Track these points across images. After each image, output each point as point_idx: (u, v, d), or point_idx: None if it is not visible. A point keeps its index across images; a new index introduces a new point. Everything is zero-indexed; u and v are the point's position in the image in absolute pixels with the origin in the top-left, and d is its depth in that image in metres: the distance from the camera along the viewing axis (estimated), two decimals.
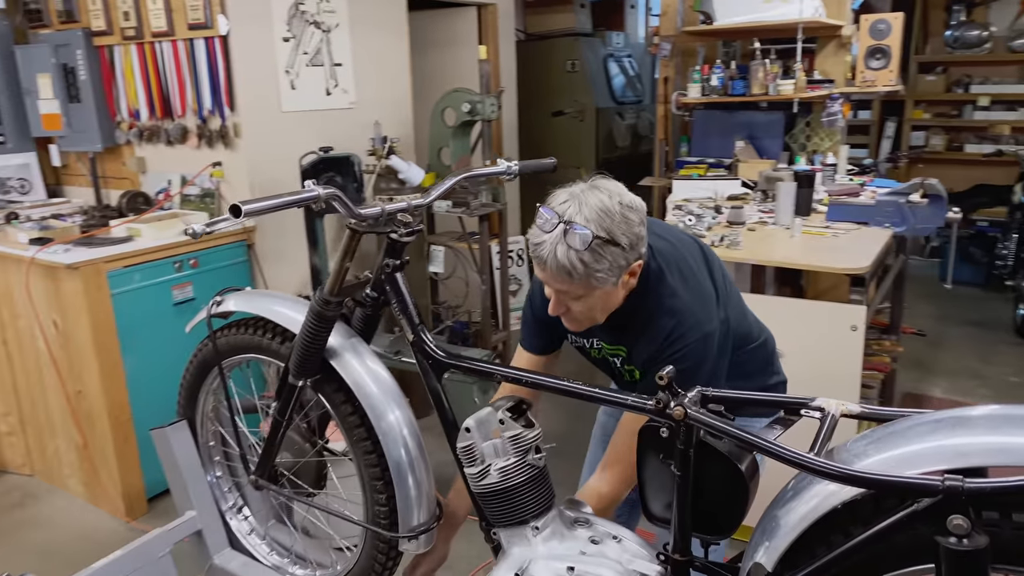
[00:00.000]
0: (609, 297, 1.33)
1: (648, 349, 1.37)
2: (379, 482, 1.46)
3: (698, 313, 1.37)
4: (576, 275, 1.24)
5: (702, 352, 1.35)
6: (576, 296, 1.30)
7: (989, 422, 0.91)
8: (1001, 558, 0.91)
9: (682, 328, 1.35)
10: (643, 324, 1.38)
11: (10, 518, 3.05)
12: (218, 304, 1.60)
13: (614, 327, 1.42)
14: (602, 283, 1.27)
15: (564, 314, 1.35)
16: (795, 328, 2.48)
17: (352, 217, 1.29)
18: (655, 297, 1.37)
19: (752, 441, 1.03)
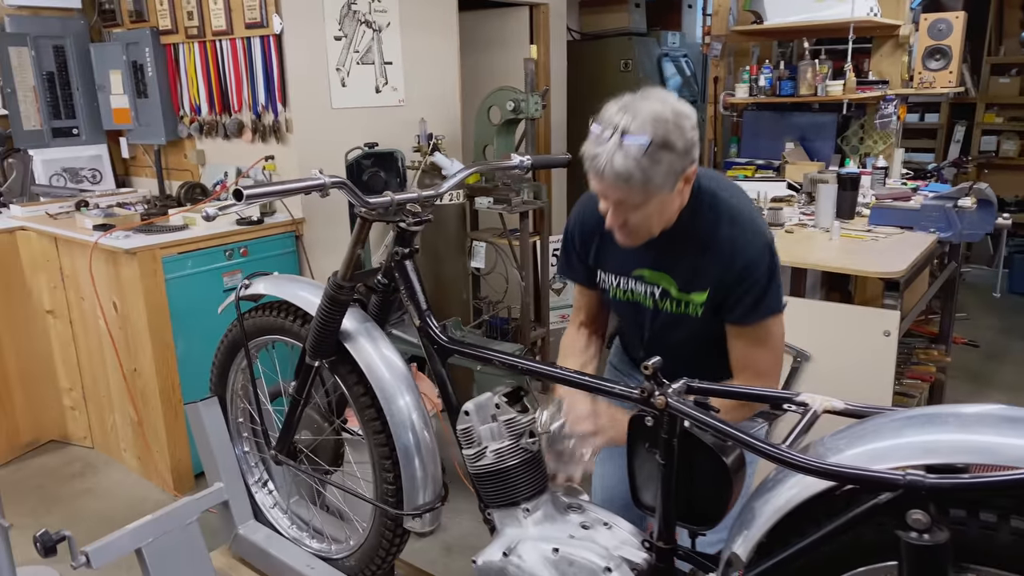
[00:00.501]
0: (665, 206, 1.35)
1: (718, 269, 1.40)
2: (387, 461, 1.53)
3: (758, 220, 1.41)
4: (634, 182, 1.27)
5: (771, 260, 1.40)
6: (634, 206, 1.32)
7: (960, 420, 0.90)
8: (968, 557, 0.90)
9: (746, 236, 1.39)
10: (702, 239, 1.40)
11: (71, 487, 3.25)
12: (246, 287, 1.70)
13: (665, 249, 1.44)
14: (659, 190, 1.29)
15: (621, 227, 1.37)
16: (828, 331, 2.45)
17: (362, 206, 1.35)
18: (712, 212, 1.41)
19: (726, 431, 1.05)
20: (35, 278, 3.41)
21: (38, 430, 3.52)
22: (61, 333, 3.44)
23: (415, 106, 3.92)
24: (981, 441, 0.87)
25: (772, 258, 1.41)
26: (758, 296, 1.39)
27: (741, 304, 1.40)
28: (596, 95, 5.39)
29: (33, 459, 3.46)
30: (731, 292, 1.40)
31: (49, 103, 3.92)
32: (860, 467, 0.91)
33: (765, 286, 1.39)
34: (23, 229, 3.37)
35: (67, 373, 3.50)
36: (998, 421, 0.89)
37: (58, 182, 3.97)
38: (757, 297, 1.39)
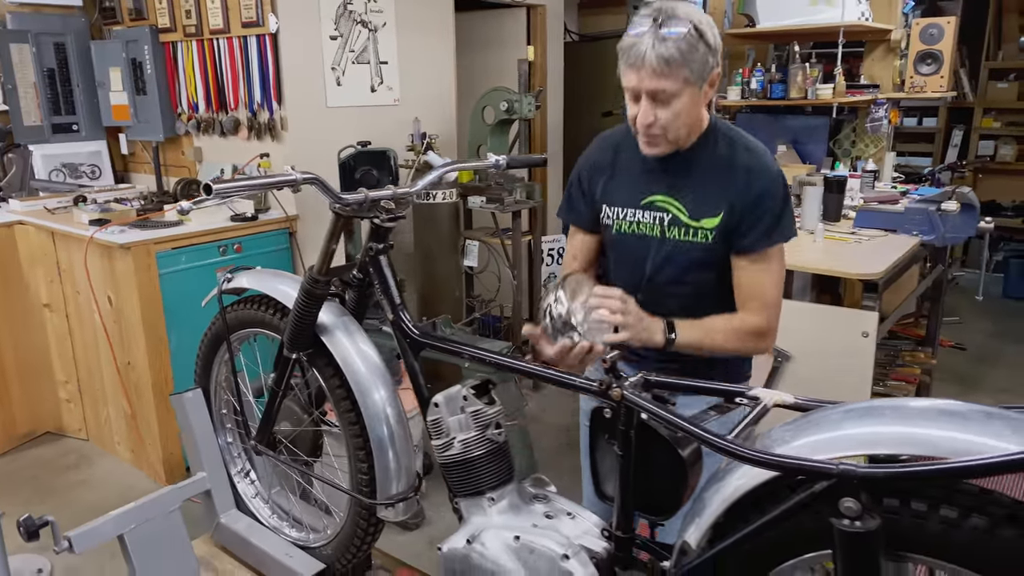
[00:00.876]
0: (693, 105, 1.40)
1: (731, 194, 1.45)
2: (362, 452, 1.56)
3: (765, 151, 1.47)
4: (673, 65, 1.32)
5: (784, 190, 1.45)
6: (668, 97, 1.36)
7: (896, 413, 0.93)
8: (902, 545, 0.93)
9: (761, 163, 1.45)
10: (717, 165, 1.46)
11: (65, 479, 3.30)
12: (228, 281, 1.74)
13: (679, 175, 1.49)
14: (691, 81, 1.35)
15: (649, 126, 1.41)
16: (809, 332, 2.48)
17: (336, 202, 1.39)
18: (727, 142, 1.48)
19: (677, 423, 1.08)
20: (32, 272, 3.46)
21: (34, 422, 3.57)
22: (57, 326, 3.49)
23: (410, 105, 3.96)
24: (913, 432, 0.90)
25: (785, 187, 1.47)
26: (772, 221, 1.44)
27: (755, 229, 1.44)
28: (594, 96, 5.48)
29: (29, 450, 3.51)
30: (745, 217, 1.44)
31: (49, 99, 3.97)
32: (799, 457, 0.94)
33: (780, 212, 1.45)
34: (21, 223, 3.42)
35: (63, 366, 3.55)
36: (933, 414, 0.92)
37: (57, 177, 4.02)
38: (771, 222, 1.44)
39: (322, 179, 1.36)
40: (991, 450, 0.85)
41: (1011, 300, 5.63)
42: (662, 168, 1.50)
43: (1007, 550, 0.87)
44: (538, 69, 4.85)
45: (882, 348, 3.38)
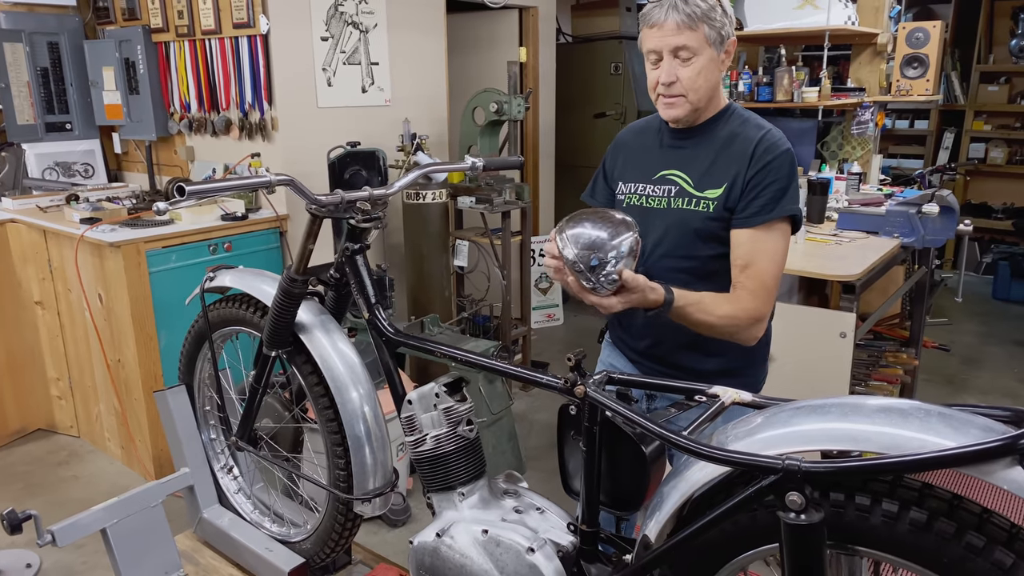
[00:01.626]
0: (712, 69, 1.46)
1: (737, 165, 1.48)
2: (339, 448, 1.59)
3: (778, 132, 1.51)
4: (695, 19, 1.40)
5: (792, 168, 1.47)
6: (689, 55, 1.43)
7: (842, 411, 0.97)
8: (849, 538, 0.97)
9: (771, 138, 1.48)
10: (728, 139, 1.51)
11: (55, 475, 3.33)
12: (211, 280, 1.77)
13: (689, 151, 1.54)
14: (711, 42, 1.43)
15: (670, 85, 1.47)
16: (788, 332, 2.50)
17: (312, 203, 1.42)
18: (740, 118, 1.53)
19: (636, 420, 1.11)
20: (24, 270, 3.49)
21: (26, 418, 3.60)
22: (49, 324, 3.52)
23: (401, 106, 3.99)
24: (853, 429, 0.93)
25: (793, 167, 1.48)
26: (775, 194, 1.45)
27: (759, 199, 1.46)
28: (586, 97, 5.51)
29: (20, 447, 3.54)
30: (750, 187, 1.46)
31: (43, 98, 4.00)
32: (748, 453, 0.98)
33: (785, 186, 1.46)
34: (13, 222, 3.45)
35: (55, 363, 3.58)
36: (876, 412, 0.95)
37: (51, 176, 4.05)
38: (774, 195, 1.45)
39: (296, 180, 1.39)
40: (928, 446, 0.88)
41: (999, 302, 5.67)
42: (677, 145, 1.57)
43: (944, 544, 0.90)
44: (530, 70, 4.88)
45: (866, 349, 3.41)
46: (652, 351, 1.65)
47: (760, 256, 1.46)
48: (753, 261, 1.46)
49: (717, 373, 1.56)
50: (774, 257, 1.48)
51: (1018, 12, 6.16)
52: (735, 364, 1.60)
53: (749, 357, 1.61)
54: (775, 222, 1.47)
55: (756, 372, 1.67)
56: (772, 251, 1.48)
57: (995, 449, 0.83)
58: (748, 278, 1.46)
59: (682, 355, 1.61)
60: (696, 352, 1.59)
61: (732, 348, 1.54)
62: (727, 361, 1.59)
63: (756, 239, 1.46)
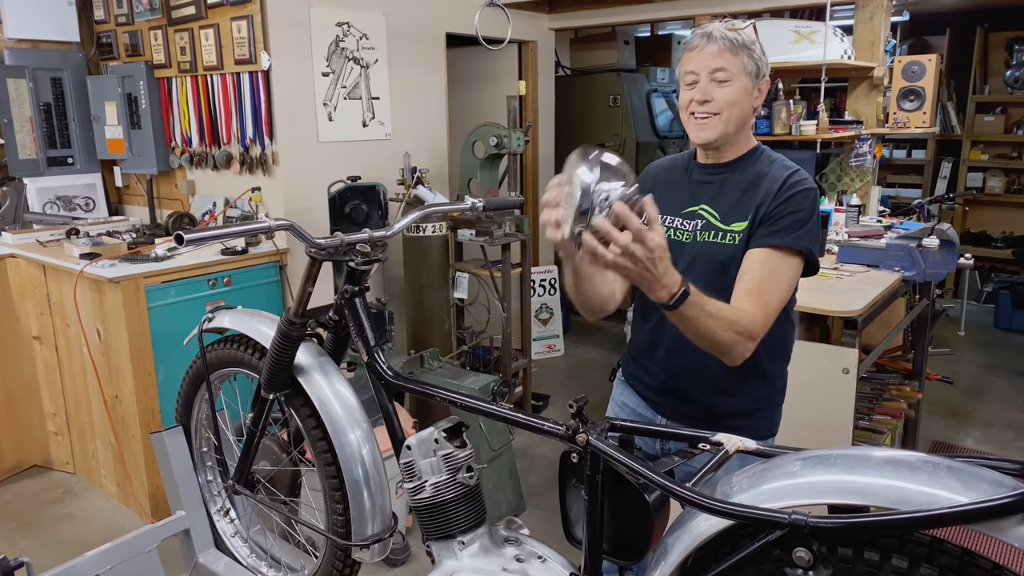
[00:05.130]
0: (745, 97, 1.50)
1: (761, 197, 1.50)
2: (337, 493, 1.57)
3: (808, 174, 1.53)
4: (738, 45, 1.47)
5: (816, 205, 1.49)
6: (725, 78, 1.48)
7: (848, 463, 0.95)
8: None
9: (797, 177, 1.51)
10: (756, 176, 1.53)
11: (49, 512, 3.28)
12: (210, 320, 1.75)
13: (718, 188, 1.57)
14: (749, 71, 1.49)
15: (703, 104, 1.51)
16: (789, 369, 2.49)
17: (311, 246, 1.41)
18: (768, 158, 1.57)
19: (638, 469, 1.10)
20: (23, 305, 3.48)
21: (21, 454, 3.57)
22: (47, 359, 3.50)
23: (402, 140, 4.02)
24: (860, 482, 0.91)
25: (815, 205, 1.50)
26: (795, 223, 1.46)
27: (776, 225, 1.47)
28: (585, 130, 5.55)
29: (15, 483, 3.50)
30: (770, 214, 1.48)
31: (45, 133, 4.02)
32: (752, 506, 0.96)
33: (804, 219, 1.47)
34: (13, 256, 3.45)
35: (52, 399, 3.55)
36: (883, 464, 0.94)
37: (52, 210, 4.05)
38: (794, 224, 1.46)
39: (295, 225, 1.38)
40: (938, 501, 0.86)
41: (1000, 331, 5.65)
42: (705, 181, 1.60)
43: None
44: (530, 103, 4.92)
45: (868, 382, 3.39)
46: (669, 388, 1.63)
47: (768, 276, 1.44)
48: (761, 279, 1.44)
49: (734, 414, 1.55)
50: (781, 282, 1.46)
51: (1012, 43, 6.23)
52: (753, 406, 1.59)
53: (767, 400, 1.60)
54: (789, 251, 1.46)
55: (772, 415, 1.65)
56: (780, 275, 1.46)
57: (1006, 506, 0.82)
58: (752, 293, 1.43)
59: (700, 393, 1.59)
60: (714, 391, 1.57)
61: (751, 389, 1.54)
62: (746, 402, 1.58)
63: (767, 259, 1.46)
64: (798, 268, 1.49)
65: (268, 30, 3.35)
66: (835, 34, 3.71)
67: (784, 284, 1.46)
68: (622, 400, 1.75)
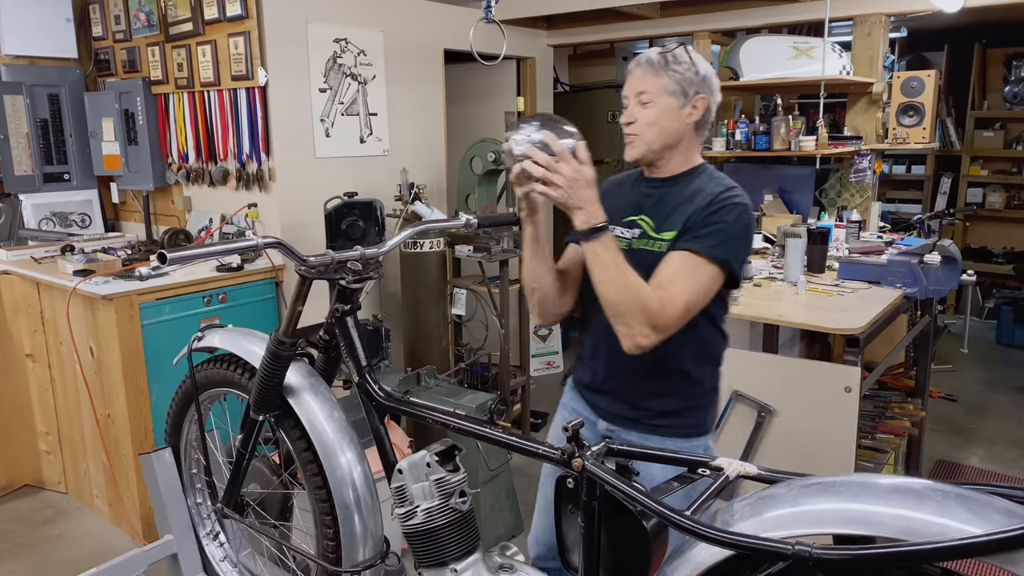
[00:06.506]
0: (671, 119, 1.59)
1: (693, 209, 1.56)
2: (328, 517, 1.53)
3: (743, 193, 1.59)
4: (656, 68, 1.57)
5: (743, 220, 1.55)
6: (647, 100, 1.58)
7: (852, 490, 0.91)
8: None
9: (730, 193, 1.57)
10: (693, 192, 1.60)
11: (39, 533, 3.23)
12: (199, 339, 1.72)
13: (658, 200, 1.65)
14: (671, 91, 1.57)
15: (630, 124, 1.61)
16: (791, 386, 2.46)
17: (301, 264, 1.38)
18: (709, 176, 1.63)
19: (636, 497, 1.06)
20: (16, 322, 3.44)
21: (13, 474, 3.52)
22: (40, 377, 3.46)
23: (400, 156, 4.00)
24: (867, 511, 0.88)
25: (742, 221, 1.55)
26: (716, 233, 1.52)
27: (698, 232, 1.53)
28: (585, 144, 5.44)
29: (6, 503, 3.45)
30: (696, 224, 1.55)
31: (42, 149, 4.01)
32: (755, 536, 0.92)
33: (725, 230, 1.52)
34: (7, 273, 3.42)
35: (44, 417, 3.51)
36: (889, 492, 0.90)
37: (47, 226, 4.03)
38: (715, 234, 1.52)
39: (284, 242, 1.35)
40: (948, 532, 0.82)
41: (1003, 347, 5.61)
42: (647, 194, 1.68)
43: None
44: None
45: (871, 399, 3.34)
46: (607, 388, 1.69)
47: (679, 273, 1.50)
48: (671, 275, 1.50)
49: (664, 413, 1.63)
50: (693, 287, 1.50)
51: (1010, 59, 6.24)
52: (682, 406, 1.64)
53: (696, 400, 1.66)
54: (705, 257, 1.51)
55: (702, 415, 1.69)
56: (692, 277, 1.51)
57: (1020, 537, 0.78)
58: (659, 285, 1.49)
59: (633, 394, 1.65)
60: (645, 392, 1.64)
61: (679, 391, 1.62)
62: (675, 402, 1.64)
63: (683, 260, 1.52)
64: (715, 276, 1.52)
65: (265, 46, 3.34)
66: (834, 50, 3.71)
67: (694, 285, 1.50)
68: (571, 404, 1.80)
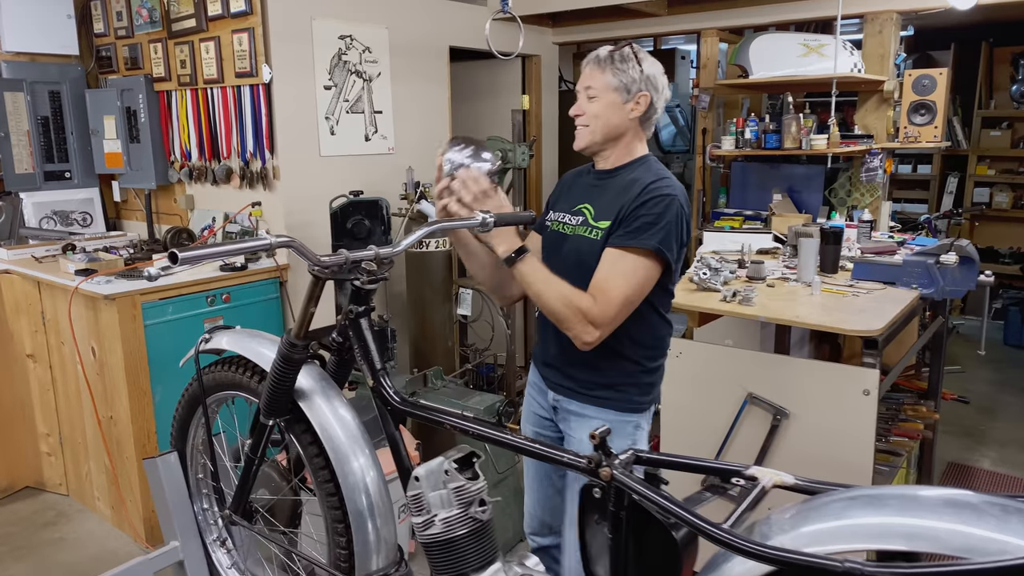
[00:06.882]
0: (615, 113, 1.72)
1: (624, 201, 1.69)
2: (340, 525, 1.48)
3: (676, 187, 1.71)
4: (602, 65, 1.70)
5: (668, 209, 1.66)
6: (593, 94, 1.71)
7: (902, 503, 0.87)
8: None
9: (659, 184, 1.69)
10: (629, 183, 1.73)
11: (41, 536, 3.18)
12: (206, 341, 1.67)
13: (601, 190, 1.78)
14: (617, 88, 1.70)
15: (579, 116, 1.75)
16: (807, 389, 2.41)
17: (315, 264, 1.34)
18: (646, 167, 1.76)
19: (668, 508, 1.01)
20: (17, 322, 3.40)
21: (13, 476, 3.47)
22: (41, 378, 3.42)
23: (405, 154, 3.95)
24: (923, 526, 0.83)
25: (670, 211, 1.67)
26: (644, 226, 1.64)
27: (626, 228, 1.66)
28: None
29: (7, 505, 3.40)
30: (626, 218, 1.68)
31: (43, 147, 3.96)
32: (800, 551, 0.87)
33: (652, 222, 1.64)
34: (7, 272, 3.37)
35: (45, 418, 3.46)
36: (942, 505, 0.85)
37: (48, 225, 3.98)
38: (643, 227, 1.64)
39: (297, 242, 1.31)
40: (1010, 550, 0.78)
41: (1012, 348, 5.57)
42: (594, 184, 1.82)
43: None
44: (533, 118, 4.86)
45: (884, 402, 3.30)
46: (554, 362, 1.85)
47: (614, 272, 1.64)
48: (606, 275, 1.64)
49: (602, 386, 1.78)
50: (628, 280, 1.63)
51: (1017, 58, 6.19)
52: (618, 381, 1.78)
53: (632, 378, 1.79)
54: (637, 250, 1.64)
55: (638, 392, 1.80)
56: (627, 273, 1.64)
57: None
58: (597, 287, 1.64)
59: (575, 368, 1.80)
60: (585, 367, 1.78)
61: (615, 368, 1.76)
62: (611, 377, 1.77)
63: (617, 259, 1.65)
64: (650, 267, 1.66)
65: (270, 43, 3.29)
66: (844, 47, 3.66)
67: (631, 280, 1.64)
68: (532, 379, 1.97)
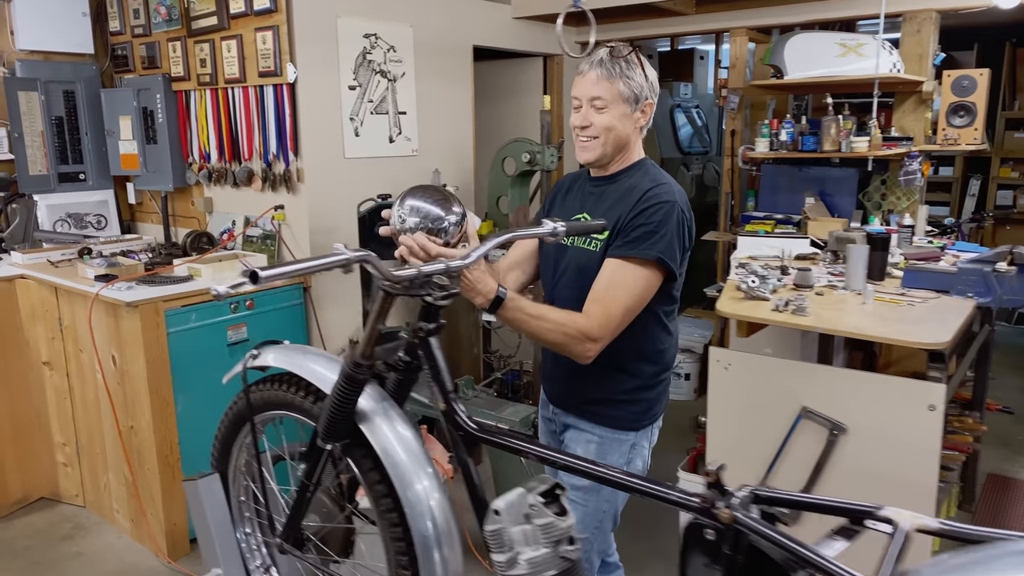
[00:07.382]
0: (622, 122, 1.66)
1: (623, 210, 1.64)
2: (404, 557, 1.38)
3: (675, 191, 1.67)
4: (612, 74, 1.61)
5: (667, 217, 1.61)
6: (602, 105, 1.63)
7: None
8: None
9: (656, 191, 1.64)
10: (627, 191, 1.68)
11: (58, 550, 3.08)
12: (254, 357, 1.57)
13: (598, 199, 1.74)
14: (625, 98, 1.63)
15: (583, 129, 1.68)
16: (864, 403, 2.31)
17: (386, 280, 1.23)
18: (643, 172, 1.72)
19: (803, 555, 0.91)
20: (33, 328, 3.29)
21: (29, 486, 3.37)
22: (57, 386, 3.31)
23: (429, 156, 3.85)
24: None
25: (670, 217, 1.62)
26: (644, 235, 1.60)
27: (627, 237, 1.62)
28: None
29: (22, 518, 3.30)
30: (624, 228, 1.63)
31: (57, 148, 3.85)
32: None
33: (652, 231, 1.60)
34: (23, 277, 3.27)
35: (62, 428, 3.35)
36: None
37: (62, 227, 3.88)
38: (643, 236, 1.60)
39: (373, 256, 1.21)
40: None
41: None
42: (591, 192, 1.78)
43: None
44: (555, 118, 4.76)
45: None
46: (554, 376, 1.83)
47: (614, 284, 1.59)
48: (607, 287, 1.59)
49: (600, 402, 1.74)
50: (629, 291, 1.59)
51: None
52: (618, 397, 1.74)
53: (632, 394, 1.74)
54: (637, 261, 1.59)
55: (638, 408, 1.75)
56: (627, 283, 1.59)
57: None
58: (595, 300, 1.58)
59: (574, 382, 1.76)
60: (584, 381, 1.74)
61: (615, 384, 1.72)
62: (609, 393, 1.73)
63: (617, 269, 1.60)
64: (651, 276, 1.61)
65: (295, 41, 3.19)
66: (884, 47, 3.56)
67: (632, 292, 1.59)
68: (541, 394, 1.95)
